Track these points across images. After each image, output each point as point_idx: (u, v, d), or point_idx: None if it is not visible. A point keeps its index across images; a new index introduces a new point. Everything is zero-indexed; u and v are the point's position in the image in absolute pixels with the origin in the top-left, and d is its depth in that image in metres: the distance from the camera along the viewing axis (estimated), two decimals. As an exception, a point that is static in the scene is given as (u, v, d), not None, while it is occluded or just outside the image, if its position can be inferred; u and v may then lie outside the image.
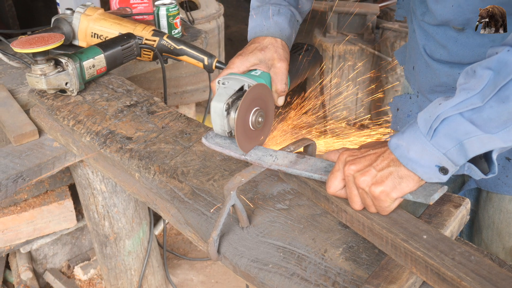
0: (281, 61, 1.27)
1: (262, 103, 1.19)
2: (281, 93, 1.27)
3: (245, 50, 1.30)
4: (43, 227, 2.13)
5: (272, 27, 1.31)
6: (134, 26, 1.91)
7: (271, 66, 1.27)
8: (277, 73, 1.26)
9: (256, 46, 1.29)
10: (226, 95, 1.16)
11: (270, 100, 1.23)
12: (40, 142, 1.69)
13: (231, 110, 1.17)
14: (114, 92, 1.69)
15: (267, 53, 1.27)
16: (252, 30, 1.35)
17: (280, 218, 1.16)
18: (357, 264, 1.03)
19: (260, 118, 1.18)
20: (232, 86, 1.19)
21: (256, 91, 1.16)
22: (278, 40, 1.30)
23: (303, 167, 1.14)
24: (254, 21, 1.35)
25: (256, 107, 1.17)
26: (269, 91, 1.23)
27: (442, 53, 1.23)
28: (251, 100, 1.15)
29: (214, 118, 1.18)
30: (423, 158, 0.93)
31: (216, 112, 1.17)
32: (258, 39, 1.31)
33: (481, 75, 0.88)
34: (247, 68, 1.27)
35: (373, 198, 0.99)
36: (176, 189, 1.29)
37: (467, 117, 0.88)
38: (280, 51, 1.28)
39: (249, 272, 1.07)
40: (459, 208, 1.09)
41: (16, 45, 1.53)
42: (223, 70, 1.28)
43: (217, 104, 1.16)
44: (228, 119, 1.17)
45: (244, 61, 1.27)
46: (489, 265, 0.89)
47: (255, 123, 1.17)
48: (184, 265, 2.75)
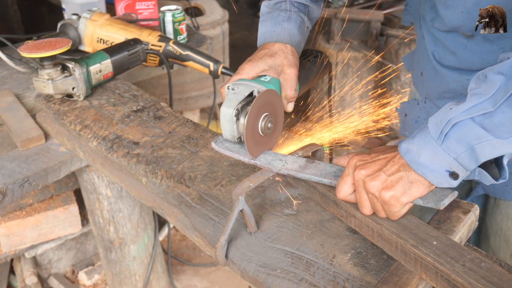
0: (290, 67, 1.26)
1: (271, 109, 1.19)
2: (291, 99, 1.27)
3: (255, 56, 1.29)
4: (48, 232, 2.13)
5: (282, 33, 1.31)
6: (140, 31, 1.92)
7: (281, 72, 1.27)
8: (287, 79, 1.26)
9: (266, 52, 1.29)
10: (235, 101, 1.16)
11: (279, 106, 1.22)
12: (47, 147, 1.69)
13: (240, 115, 1.16)
14: (120, 97, 1.70)
15: (277, 59, 1.27)
16: (262, 36, 1.35)
17: (288, 223, 1.16)
18: (366, 270, 1.03)
19: (269, 124, 1.18)
20: (241, 91, 1.19)
21: (265, 97, 1.16)
22: (288, 46, 1.30)
23: (313, 171, 1.13)
24: (264, 27, 1.35)
25: (266, 113, 1.16)
26: (279, 97, 1.22)
27: (451, 59, 1.23)
28: (260, 106, 1.14)
29: (224, 123, 1.17)
30: (433, 163, 0.93)
31: (226, 118, 1.16)
32: (268, 45, 1.31)
33: (493, 80, 0.88)
34: (256, 74, 1.26)
35: (383, 203, 0.99)
36: (183, 194, 1.29)
37: (478, 122, 0.88)
38: (290, 57, 1.28)
39: (258, 277, 1.06)
40: (468, 214, 1.08)
41: (24, 50, 1.53)
42: (232, 75, 1.28)
43: (227, 109, 1.15)
44: (238, 125, 1.17)
45: (253, 67, 1.26)
46: (499, 272, 0.89)
47: (264, 129, 1.17)
48: (188, 271, 2.74)
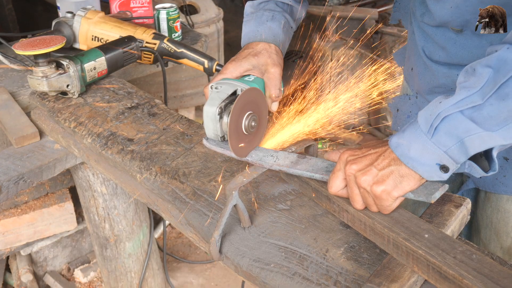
0: (274, 67, 1.27)
1: (255, 107, 1.18)
2: (275, 98, 1.26)
3: (239, 56, 1.30)
4: (44, 229, 2.13)
5: (265, 33, 1.32)
6: (134, 29, 1.92)
7: (265, 71, 1.27)
8: (271, 78, 1.26)
9: (250, 52, 1.29)
10: (218, 99, 1.16)
11: (263, 105, 1.22)
12: (41, 144, 1.69)
13: (223, 114, 1.16)
14: (115, 94, 1.70)
15: (261, 59, 1.27)
16: (245, 35, 1.35)
17: (281, 218, 1.17)
18: (359, 264, 1.04)
19: (253, 123, 1.17)
20: (225, 90, 1.18)
21: (249, 95, 1.15)
22: (272, 45, 1.30)
23: (304, 167, 1.14)
24: (247, 27, 1.35)
25: (249, 111, 1.16)
26: (262, 95, 1.22)
27: (441, 55, 1.24)
28: (244, 104, 1.14)
29: (207, 122, 1.17)
30: (423, 156, 0.93)
31: (209, 117, 1.16)
32: (251, 45, 1.31)
33: (481, 73, 0.89)
34: (240, 73, 1.27)
35: (375, 197, 1.00)
36: (177, 190, 1.30)
37: (467, 115, 0.89)
38: (274, 56, 1.28)
39: (251, 272, 1.07)
40: (460, 208, 1.09)
41: (18, 47, 1.53)
42: (216, 75, 1.28)
43: (210, 108, 1.15)
44: (221, 123, 1.16)
45: (237, 66, 1.27)
46: (490, 264, 0.90)
47: (248, 127, 1.16)
48: (184, 268, 2.75)
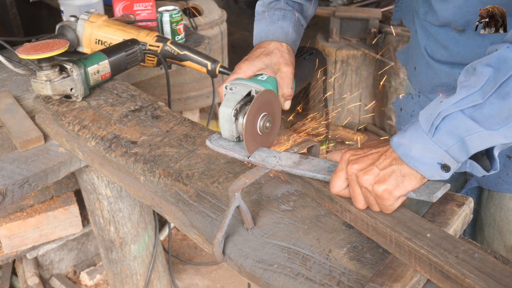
0: (287, 66, 1.28)
1: (269, 108, 1.21)
2: (288, 97, 1.29)
3: (251, 55, 1.30)
4: (49, 232, 2.15)
5: (277, 32, 1.32)
6: (137, 32, 1.93)
7: (277, 70, 1.28)
8: (284, 77, 1.27)
9: (262, 51, 1.30)
10: (234, 101, 1.18)
11: (277, 105, 1.25)
12: (46, 148, 1.70)
13: (239, 115, 1.18)
14: (118, 97, 1.71)
15: (273, 58, 1.28)
16: (257, 35, 1.36)
17: (284, 219, 1.17)
18: (362, 264, 1.04)
19: (267, 123, 1.20)
20: (239, 91, 1.20)
21: (264, 97, 1.18)
22: (284, 44, 1.31)
23: (306, 167, 1.14)
24: (259, 26, 1.36)
25: (264, 113, 1.19)
26: (276, 96, 1.25)
27: (443, 54, 1.24)
28: (259, 106, 1.17)
29: (223, 123, 1.20)
30: (425, 155, 0.94)
31: (225, 118, 1.18)
32: (263, 44, 1.32)
33: (481, 72, 0.89)
34: (253, 73, 1.28)
35: (376, 197, 1.00)
36: (181, 192, 1.30)
37: (468, 114, 0.89)
38: (286, 55, 1.29)
39: (254, 273, 1.07)
40: (462, 207, 1.09)
41: (22, 51, 1.54)
42: (230, 75, 1.29)
43: (226, 109, 1.18)
44: (237, 124, 1.19)
45: (250, 66, 1.28)
46: (493, 263, 0.90)
47: (263, 128, 1.19)
48: (189, 270, 2.75)
